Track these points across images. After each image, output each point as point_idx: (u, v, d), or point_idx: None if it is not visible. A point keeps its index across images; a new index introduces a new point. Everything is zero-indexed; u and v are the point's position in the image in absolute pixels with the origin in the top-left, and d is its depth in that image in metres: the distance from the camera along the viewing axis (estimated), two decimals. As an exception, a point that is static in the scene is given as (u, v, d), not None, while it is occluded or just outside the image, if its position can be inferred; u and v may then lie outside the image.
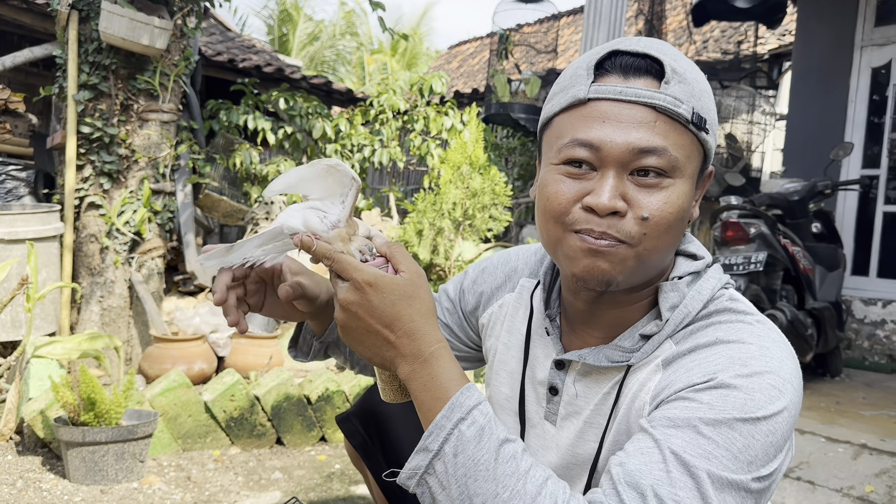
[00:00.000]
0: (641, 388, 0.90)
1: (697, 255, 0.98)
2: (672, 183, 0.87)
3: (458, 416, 0.79)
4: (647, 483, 0.76)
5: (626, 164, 0.86)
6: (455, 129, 4.90)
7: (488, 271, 1.20)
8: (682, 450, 0.78)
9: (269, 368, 3.47)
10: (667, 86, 0.86)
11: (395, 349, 0.85)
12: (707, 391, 0.81)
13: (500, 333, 1.14)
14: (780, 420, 0.81)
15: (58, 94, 3.91)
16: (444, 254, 4.18)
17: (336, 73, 15.43)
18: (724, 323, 0.90)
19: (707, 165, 0.94)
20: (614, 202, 0.85)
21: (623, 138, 0.85)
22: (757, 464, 0.79)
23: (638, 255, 0.88)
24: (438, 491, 0.77)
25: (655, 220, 0.86)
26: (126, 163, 3.81)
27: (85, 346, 2.90)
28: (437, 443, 0.78)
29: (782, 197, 4.29)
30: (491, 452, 0.77)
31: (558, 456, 1.02)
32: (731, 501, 0.77)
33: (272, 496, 2.55)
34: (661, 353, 0.91)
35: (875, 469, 2.83)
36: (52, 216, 3.67)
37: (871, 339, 4.83)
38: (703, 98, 0.89)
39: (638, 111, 0.86)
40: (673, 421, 0.80)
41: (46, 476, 2.61)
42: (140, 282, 3.75)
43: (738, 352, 0.85)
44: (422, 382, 0.83)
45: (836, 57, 5.36)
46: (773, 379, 0.82)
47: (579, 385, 0.99)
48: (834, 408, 3.71)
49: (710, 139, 0.90)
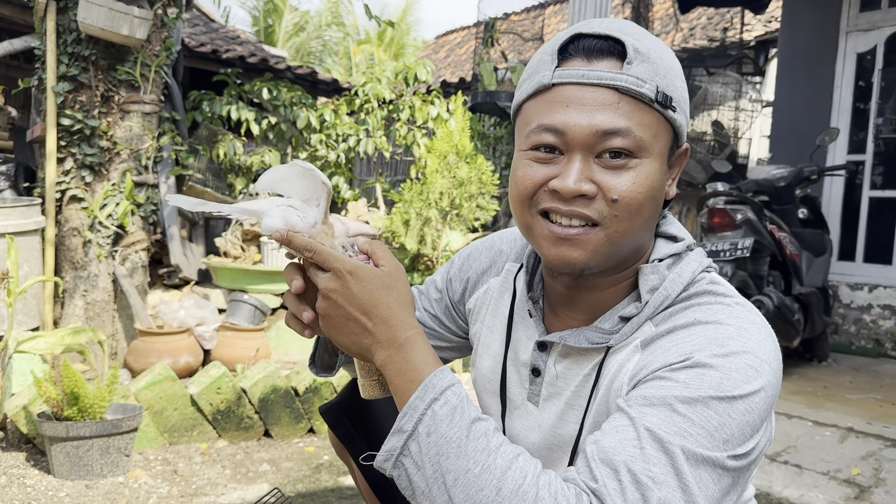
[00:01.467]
0: (620, 369, 0.90)
1: (678, 237, 0.97)
2: (639, 163, 0.87)
3: (431, 396, 0.80)
4: (621, 459, 0.76)
5: (592, 147, 0.86)
6: (441, 118, 4.87)
7: (473, 257, 1.21)
8: (656, 427, 0.77)
9: (256, 361, 3.45)
10: (629, 66, 0.86)
11: (371, 336, 0.86)
12: (683, 370, 0.81)
13: (486, 317, 1.14)
14: (757, 400, 0.81)
15: (37, 85, 3.85)
16: (432, 244, 4.16)
17: (323, 64, 15.34)
18: (704, 305, 0.90)
19: (679, 144, 0.94)
20: (579, 185, 0.86)
21: (587, 121, 0.86)
22: (733, 442, 0.79)
23: (609, 237, 0.88)
24: (414, 471, 0.78)
25: (626, 201, 0.86)
26: (108, 155, 3.76)
27: (68, 341, 2.86)
28: (411, 423, 0.79)
29: (769, 183, 4.29)
30: (462, 430, 0.77)
31: (541, 437, 1.02)
32: (706, 478, 0.76)
33: (260, 488, 2.53)
34: (640, 334, 0.91)
35: (861, 452, 2.85)
36: (32, 210, 3.62)
37: (858, 323, 4.86)
38: (669, 76, 0.89)
39: (600, 93, 0.86)
40: (649, 399, 0.80)
41: (31, 472, 2.58)
42: (124, 275, 3.72)
43: (715, 332, 0.84)
44: (397, 367, 0.84)
45: (821, 43, 5.36)
46: (751, 359, 0.82)
47: (560, 366, 0.99)
48: (821, 392, 3.73)
49: (678, 117, 0.90)
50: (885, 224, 5.05)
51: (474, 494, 0.74)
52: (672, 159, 0.94)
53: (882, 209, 5.12)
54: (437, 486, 0.76)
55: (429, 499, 0.76)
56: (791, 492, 2.56)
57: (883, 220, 5.08)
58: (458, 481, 0.74)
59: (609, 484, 0.75)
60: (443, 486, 0.75)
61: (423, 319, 1.24)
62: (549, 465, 1.03)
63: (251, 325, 3.68)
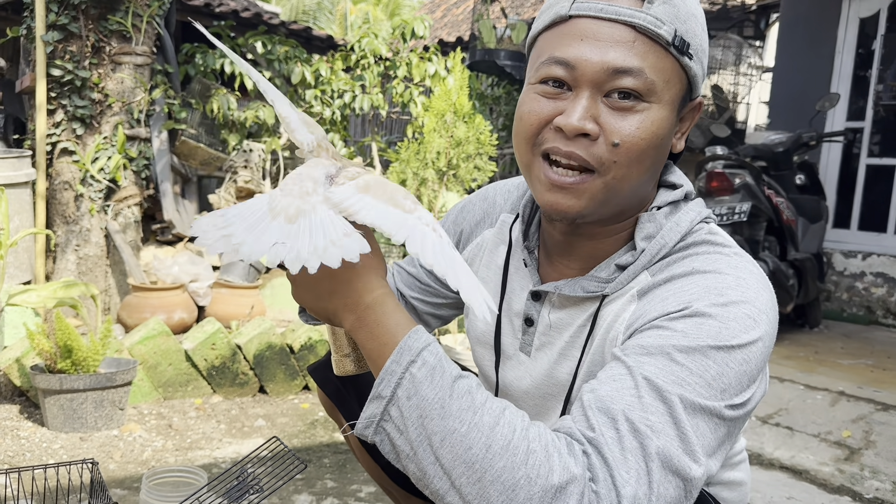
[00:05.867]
0: (616, 318, 0.89)
1: (677, 184, 0.95)
2: (647, 107, 0.85)
3: (407, 359, 0.75)
4: (619, 408, 0.75)
5: (601, 85, 0.84)
6: (439, 75, 4.79)
7: (467, 209, 1.19)
8: (654, 375, 0.76)
9: (251, 318, 3.44)
10: (650, 5, 0.83)
11: (337, 298, 0.81)
12: (681, 319, 0.80)
13: (479, 269, 1.13)
14: (755, 350, 0.80)
15: (26, 35, 3.76)
16: (428, 204, 4.13)
17: (317, 23, 15.05)
18: (702, 254, 0.88)
19: (693, 95, 0.91)
20: (583, 123, 0.84)
21: (599, 57, 0.84)
22: (730, 392, 0.78)
23: (606, 184, 0.86)
24: (396, 436, 0.75)
25: (627, 147, 0.84)
26: (99, 108, 3.69)
27: (61, 295, 2.83)
28: (389, 388, 0.75)
29: (767, 148, 4.27)
30: (444, 390, 0.74)
31: (533, 386, 1.01)
32: (703, 427, 0.76)
33: (255, 442, 2.54)
34: (636, 284, 0.90)
35: (852, 415, 2.88)
36: (23, 162, 3.56)
37: (851, 290, 4.89)
38: (690, 22, 0.86)
39: (617, 30, 0.84)
40: (646, 348, 0.79)
41: (24, 424, 2.58)
42: (116, 230, 3.67)
43: (714, 281, 0.83)
44: (368, 331, 0.79)
45: (824, 7, 5.29)
46: (749, 309, 0.81)
47: (554, 316, 0.98)
48: (813, 357, 3.76)
49: (694, 65, 0.87)
50: (881, 192, 5.05)
51: (463, 454, 0.71)
52: (683, 111, 0.91)
53: (879, 177, 5.11)
54: (422, 448, 0.73)
55: (414, 462, 0.74)
56: (782, 453, 2.59)
57: (879, 188, 5.07)
58: (445, 442, 0.72)
59: (606, 433, 0.73)
60: (428, 448, 0.73)
61: (420, 276, 1.22)
62: (542, 415, 1.03)
63: (246, 282, 3.66)
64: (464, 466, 0.71)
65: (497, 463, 0.71)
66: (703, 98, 5.82)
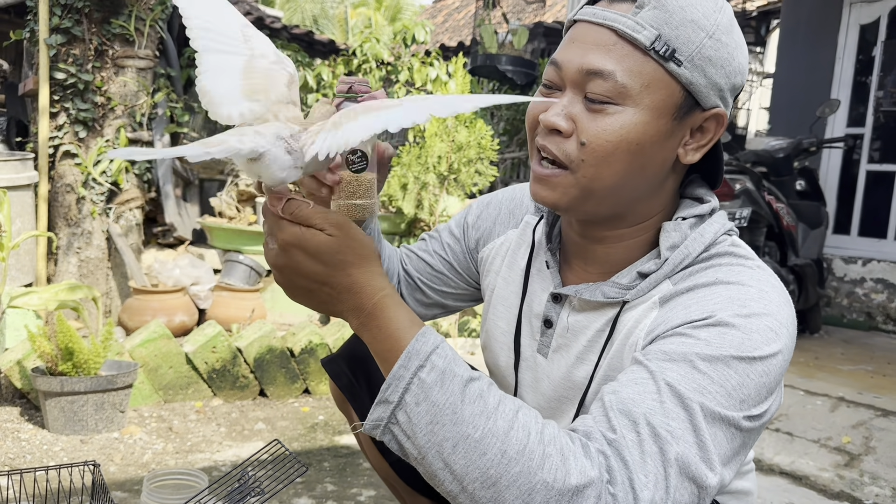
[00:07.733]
0: (636, 324, 0.90)
1: (704, 199, 0.97)
2: (620, 111, 0.85)
3: (416, 364, 0.74)
4: (640, 411, 0.75)
5: (580, 86, 0.87)
6: (440, 80, 4.81)
7: (493, 205, 1.20)
8: (677, 382, 0.77)
9: (251, 321, 3.44)
10: (639, 11, 0.85)
11: (340, 303, 0.81)
12: (705, 328, 0.81)
13: (501, 269, 1.13)
14: (775, 362, 0.81)
15: (29, 38, 3.78)
16: (429, 209, 4.14)
17: (318, 27, 15.08)
18: (725, 266, 0.89)
19: (705, 105, 0.88)
20: (555, 119, 0.87)
21: (578, 59, 0.87)
22: (749, 403, 0.79)
23: (577, 181, 0.89)
24: (404, 439, 0.75)
25: (593, 146, 0.86)
26: (102, 111, 3.70)
27: (62, 297, 2.84)
28: (396, 394, 0.74)
29: (768, 154, 4.28)
30: (456, 395, 0.73)
31: (549, 388, 1.02)
32: (721, 436, 0.76)
33: (255, 446, 2.54)
34: (658, 291, 0.90)
35: (852, 421, 2.88)
36: (25, 164, 3.57)
37: (851, 296, 4.89)
38: (685, 28, 0.84)
39: (601, 34, 0.87)
40: (669, 354, 0.79)
41: (25, 426, 2.58)
42: (118, 233, 3.68)
43: (737, 293, 0.84)
44: (372, 335, 0.79)
45: (825, 13, 5.30)
46: (771, 321, 0.82)
47: (573, 319, 0.99)
48: (813, 363, 3.76)
49: (685, 73, 0.85)
50: (881, 198, 5.05)
51: (476, 460, 0.71)
52: (689, 121, 0.89)
53: (879, 183, 5.11)
54: (431, 454, 0.73)
55: (422, 466, 0.74)
56: (782, 458, 2.59)
57: (879, 194, 5.08)
58: (458, 447, 0.71)
59: (627, 435, 0.74)
60: (438, 455, 0.72)
61: (434, 264, 1.22)
62: (555, 417, 1.03)
63: (246, 285, 3.66)
64: (478, 472, 0.71)
65: (513, 468, 0.71)
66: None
